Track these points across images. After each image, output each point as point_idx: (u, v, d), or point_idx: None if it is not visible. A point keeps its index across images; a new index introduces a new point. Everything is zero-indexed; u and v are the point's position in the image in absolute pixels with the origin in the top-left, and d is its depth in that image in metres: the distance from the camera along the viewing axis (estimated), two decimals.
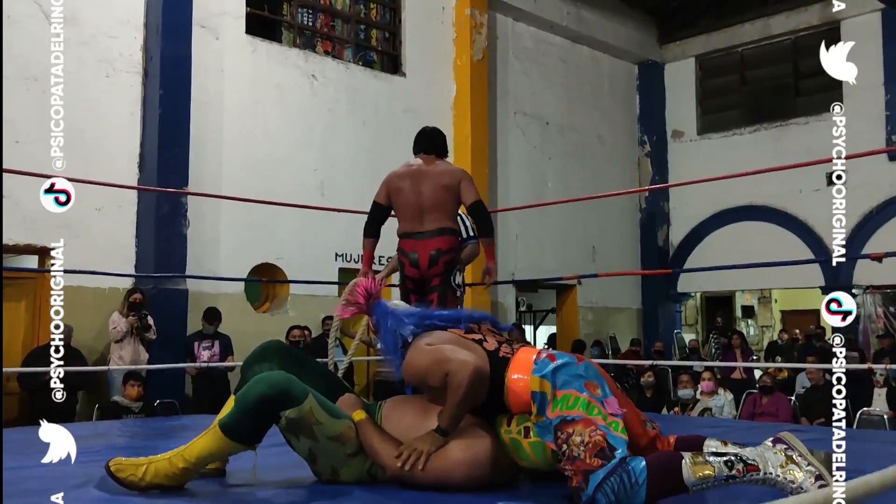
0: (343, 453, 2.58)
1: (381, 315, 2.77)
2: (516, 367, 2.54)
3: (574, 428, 2.34)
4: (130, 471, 2.51)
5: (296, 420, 2.49)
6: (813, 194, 11.83)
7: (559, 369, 2.47)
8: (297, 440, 2.56)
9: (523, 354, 2.59)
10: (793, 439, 2.33)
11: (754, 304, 16.64)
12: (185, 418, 5.71)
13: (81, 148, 7.40)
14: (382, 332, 2.74)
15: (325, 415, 2.54)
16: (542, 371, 2.48)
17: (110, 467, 2.52)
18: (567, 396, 2.41)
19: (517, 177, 11.42)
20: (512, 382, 2.52)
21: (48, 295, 7.72)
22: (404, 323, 2.71)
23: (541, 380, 2.47)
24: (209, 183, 8.05)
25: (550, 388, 2.44)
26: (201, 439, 2.55)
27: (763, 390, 7.90)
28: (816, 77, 12.55)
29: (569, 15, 12.15)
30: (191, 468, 2.53)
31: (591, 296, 12.31)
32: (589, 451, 2.28)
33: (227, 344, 7.78)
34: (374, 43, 10.35)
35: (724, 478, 2.22)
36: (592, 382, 2.45)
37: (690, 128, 13.60)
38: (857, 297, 12.16)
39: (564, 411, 2.39)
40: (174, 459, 2.52)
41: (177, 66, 7.96)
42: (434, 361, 2.55)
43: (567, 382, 2.44)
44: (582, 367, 2.49)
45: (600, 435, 2.30)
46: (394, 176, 4.26)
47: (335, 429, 2.55)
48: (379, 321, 2.76)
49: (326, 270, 8.86)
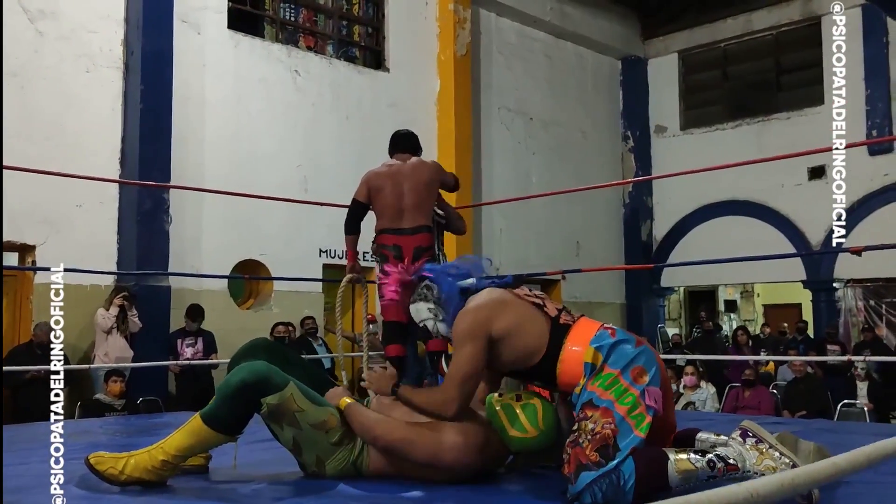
0: (327, 442, 2.56)
1: (434, 271, 2.74)
2: (576, 336, 2.48)
3: (594, 413, 2.30)
4: (110, 464, 2.49)
5: (277, 407, 2.49)
6: (794, 189, 11.94)
7: (616, 345, 2.41)
8: (281, 429, 2.55)
9: (585, 324, 2.53)
10: (756, 428, 2.36)
11: (737, 299, 16.76)
12: (168, 415, 5.68)
13: (62, 143, 7.35)
14: (443, 284, 2.68)
15: (306, 402, 2.54)
16: (599, 342, 2.42)
17: (90, 460, 2.50)
18: (609, 376, 2.36)
19: (501, 172, 11.43)
20: (568, 353, 2.45)
21: (29, 293, 7.68)
22: (466, 272, 2.69)
23: (595, 351, 2.40)
24: (192, 178, 7.99)
25: (601, 361, 2.38)
26: (181, 431, 2.53)
27: (745, 384, 7.96)
28: (798, 72, 12.68)
29: (552, 10, 12.16)
30: (171, 461, 2.51)
31: (575, 290, 12.33)
32: (594, 442, 2.25)
33: (210, 340, 7.74)
34: (357, 38, 10.32)
35: (705, 477, 2.24)
36: (640, 367, 2.37)
37: (673, 123, 13.66)
38: (839, 290, 12.27)
39: (599, 390, 2.34)
40: (154, 452, 2.50)
41: (158, 60, 7.91)
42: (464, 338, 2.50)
43: (616, 361, 2.37)
44: (639, 349, 2.42)
45: (611, 430, 2.26)
46: (374, 174, 4.38)
47: (317, 416, 2.55)
48: (434, 276, 2.71)
49: (311, 266, 8.84)
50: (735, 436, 2.38)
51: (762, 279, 13.76)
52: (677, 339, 12.07)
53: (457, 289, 2.64)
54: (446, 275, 2.70)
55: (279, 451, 2.72)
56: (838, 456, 1.38)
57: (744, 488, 1.13)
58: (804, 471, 1.30)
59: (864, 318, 12.07)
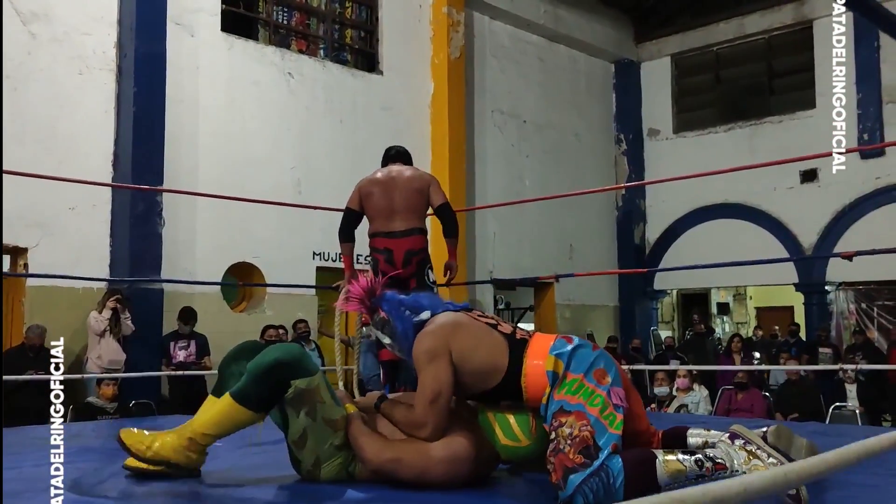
0: (331, 442, 2.58)
1: (392, 304, 2.71)
2: (534, 349, 2.51)
3: (567, 419, 2.33)
4: (137, 439, 2.52)
5: (304, 392, 2.50)
6: (787, 192, 11.99)
7: (575, 350, 2.45)
8: (296, 416, 2.55)
9: (541, 337, 2.57)
10: (746, 431, 2.39)
11: (729, 301, 16.80)
12: (160, 419, 5.66)
13: (55, 146, 7.33)
14: (397, 319, 2.67)
15: (329, 396, 2.57)
16: (558, 350, 2.46)
17: (120, 434, 2.52)
18: (573, 381, 2.39)
19: (495, 175, 11.44)
20: (530, 367, 2.47)
21: (21, 296, 7.64)
22: (422, 307, 2.68)
23: (556, 359, 2.44)
24: (185, 181, 7.98)
25: (563, 369, 2.42)
26: (209, 411, 2.53)
27: (738, 386, 7.97)
28: (790, 76, 12.73)
29: (546, 13, 12.19)
30: (199, 440, 2.51)
31: (568, 293, 12.36)
32: (575, 446, 2.27)
33: (203, 343, 7.72)
34: (350, 41, 10.32)
35: (694, 476, 2.27)
36: (602, 370, 2.42)
37: (666, 126, 13.69)
38: (831, 293, 12.32)
39: (567, 396, 2.37)
40: (182, 431, 2.51)
41: (151, 63, 7.89)
42: (426, 359, 2.51)
43: (578, 366, 2.42)
44: (597, 353, 2.47)
45: (589, 431, 2.29)
46: (366, 181, 4.45)
47: (333, 413, 2.57)
48: (391, 311, 2.70)
49: (304, 269, 8.83)
50: (724, 438, 2.41)
51: (754, 282, 13.80)
52: (670, 341, 12.10)
53: (411, 324, 2.65)
54: (402, 308, 2.69)
55: (272, 455, 2.71)
56: (828, 453, 1.39)
57: (737, 482, 1.15)
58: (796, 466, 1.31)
59: (856, 320, 12.11)
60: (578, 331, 12.39)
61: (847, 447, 1.41)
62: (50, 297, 7.24)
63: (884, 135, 11.17)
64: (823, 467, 1.35)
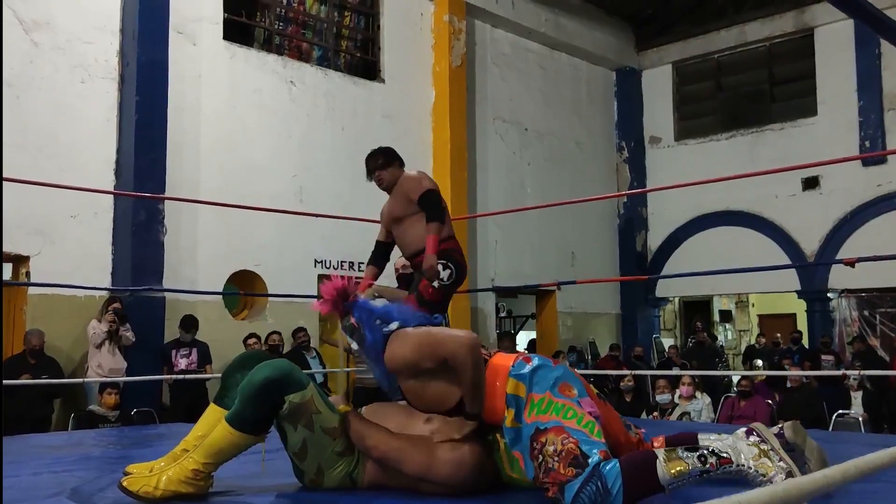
0: (332, 450, 2.57)
1: (364, 312, 2.68)
2: (493, 370, 2.50)
3: (547, 437, 2.31)
4: (143, 482, 2.46)
5: (298, 406, 2.49)
6: (788, 199, 11.98)
7: (536, 371, 2.44)
8: (294, 430, 2.54)
9: (500, 357, 2.55)
10: (765, 431, 2.34)
11: (732, 309, 16.78)
12: (162, 427, 5.65)
13: (56, 154, 7.34)
14: (367, 328, 2.65)
15: (324, 405, 2.56)
16: (517, 372, 2.45)
17: (122, 484, 2.47)
18: (541, 401, 2.38)
19: (496, 182, 11.45)
20: (489, 388, 2.47)
21: (22, 303, 7.63)
22: (392, 317, 2.66)
23: (516, 382, 2.43)
24: (186, 190, 7.99)
25: (525, 391, 2.41)
26: (209, 438, 2.52)
27: (741, 394, 7.95)
28: (791, 83, 12.74)
29: (547, 21, 12.21)
30: (203, 469, 2.49)
31: (570, 301, 12.34)
32: (563, 460, 2.25)
33: (204, 351, 7.71)
34: (352, 49, 10.34)
35: (698, 473, 2.21)
36: (567, 384, 2.42)
37: (668, 134, 13.70)
38: (833, 300, 12.30)
39: (539, 416, 2.36)
40: (185, 463, 2.49)
41: (153, 71, 7.90)
42: (425, 344, 2.51)
43: (542, 385, 2.41)
44: (558, 369, 2.47)
45: (573, 443, 2.27)
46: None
47: (331, 421, 2.56)
48: (361, 318, 2.67)
49: (305, 277, 8.83)
50: (739, 433, 2.37)
51: (757, 289, 13.78)
52: (673, 351, 12.07)
53: (381, 335, 2.63)
54: (373, 318, 2.66)
55: (273, 463, 2.70)
56: (831, 468, 1.37)
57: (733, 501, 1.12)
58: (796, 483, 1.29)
59: (859, 328, 12.09)
60: (580, 338, 12.40)
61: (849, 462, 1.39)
62: (51, 306, 7.24)
63: (885, 142, 11.18)
64: (824, 483, 1.32)
